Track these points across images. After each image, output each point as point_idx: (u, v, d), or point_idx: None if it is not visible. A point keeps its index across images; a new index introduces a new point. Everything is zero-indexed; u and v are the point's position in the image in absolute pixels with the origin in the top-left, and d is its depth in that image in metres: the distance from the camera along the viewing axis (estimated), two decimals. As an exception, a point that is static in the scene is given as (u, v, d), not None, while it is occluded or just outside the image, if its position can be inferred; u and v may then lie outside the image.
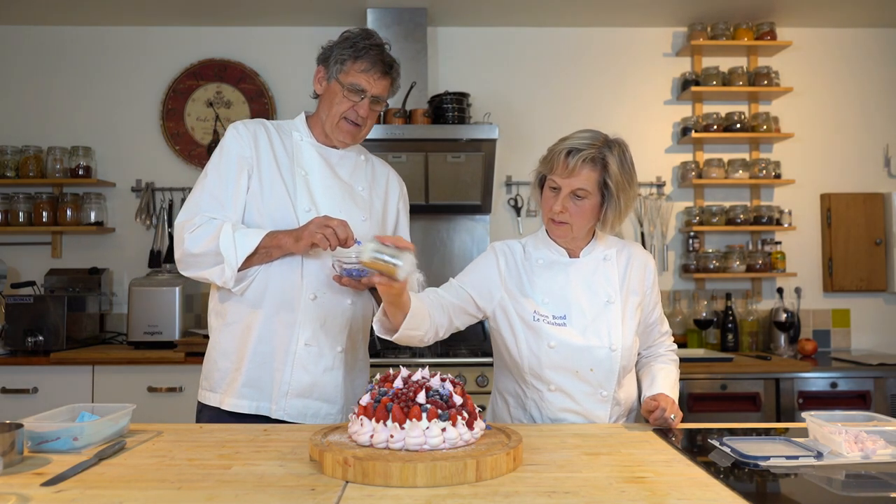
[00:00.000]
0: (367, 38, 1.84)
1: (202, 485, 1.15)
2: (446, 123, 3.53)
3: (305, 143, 1.91)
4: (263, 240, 1.73)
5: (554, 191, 1.73)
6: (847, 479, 1.23)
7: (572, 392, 1.74)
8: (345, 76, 1.82)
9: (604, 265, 1.82)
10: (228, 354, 1.83)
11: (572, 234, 1.77)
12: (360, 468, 1.15)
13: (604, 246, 1.85)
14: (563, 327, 1.73)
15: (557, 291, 1.77)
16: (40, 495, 1.10)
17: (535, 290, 1.78)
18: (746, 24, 3.90)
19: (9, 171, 3.77)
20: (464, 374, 3.14)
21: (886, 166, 4.04)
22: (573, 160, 1.68)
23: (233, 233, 1.72)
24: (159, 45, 4.00)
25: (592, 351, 1.73)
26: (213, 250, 1.72)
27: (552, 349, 1.72)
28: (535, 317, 1.75)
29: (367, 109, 1.85)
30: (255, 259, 1.75)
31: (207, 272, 1.76)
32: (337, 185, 1.89)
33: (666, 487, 1.14)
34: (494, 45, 4.03)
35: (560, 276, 1.79)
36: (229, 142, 1.86)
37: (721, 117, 3.89)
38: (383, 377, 1.36)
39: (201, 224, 1.76)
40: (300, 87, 3.93)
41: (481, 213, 3.89)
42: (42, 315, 3.38)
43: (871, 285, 3.92)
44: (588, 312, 1.75)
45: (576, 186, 1.69)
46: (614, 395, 1.76)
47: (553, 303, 1.76)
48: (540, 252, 1.84)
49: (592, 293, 1.78)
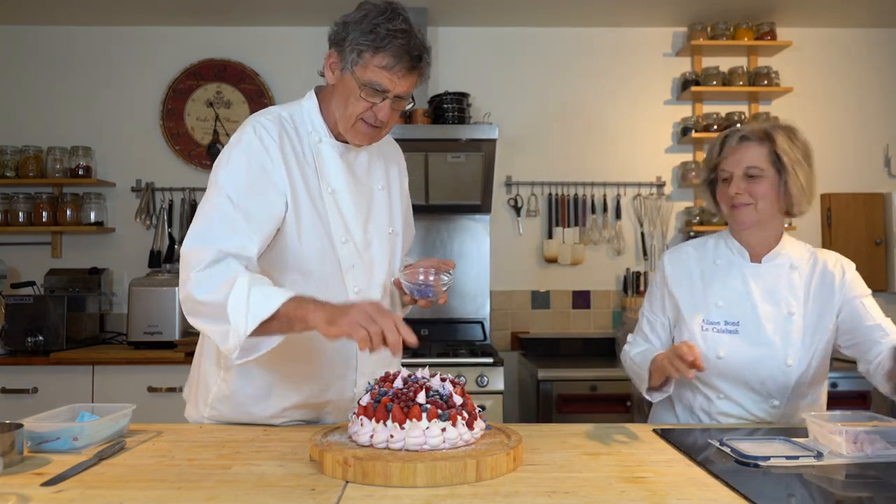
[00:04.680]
0: (389, 21, 1.46)
1: (202, 485, 1.15)
2: (446, 123, 3.53)
3: (326, 146, 1.61)
4: (287, 305, 1.33)
5: (726, 182, 1.69)
6: (847, 479, 1.22)
7: (741, 401, 1.69)
8: (362, 71, 1.48)
9: (788, 273, 1.71)
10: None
11: (758, 217, 1.67)
12: (360, 468, 1.15)
13: (792, 252, 1.73)
14: (735, 335, 1.67)
15: (734, 296, 1.70)
16: (40, 495, 1.10)
17: (708, 293, 1.73)
18: (746, 24, 3.90)
19: (9, 171, 3.77)
20: (464, 374, 3.14)
21: (886, 166, 4.04)
22: (735, 140, 1.66)
23: (248, 289, 1.34)
24: (159, 45, 4.00)
25: (764, 363, 1.65)
26: (221, 303, 1.35)
27: (720, 360, 1.67)
28: (703, 327, 1.70)
29: (388, 112, 1.53)
30: (272, 326, 1.35)
31: (210, 328, 1.41)
32: (361, 196, 1.64)
33: (666, 487, 1.14)
34: (494, 45, 4.03)
35: (738, 281, 1.72)
36: (257, 153, 1.50)
37: (721, 117, 3.89)
38: (383, 377, 1.36)
39: (214, 263, 1.39)
40: (300, 87, 3.88)
41: (481, 213, 3.89)
42: (42, 315, 3.38)
43: (871, 285, 3.83)
44: (765, 322, 1.67)
45: (746, 164, 1.65)
46: (787, 407, 1.68)
47: (727, 307, 1.70)
48: (720, 251, 1.77)
49: (773, 302, 1.68)
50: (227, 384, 1.61)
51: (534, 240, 4.00)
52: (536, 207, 3.98)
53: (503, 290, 3.97)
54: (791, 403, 1.69)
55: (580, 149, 4.00)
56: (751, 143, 1.66)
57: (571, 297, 3.97)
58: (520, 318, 3.98)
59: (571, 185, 3.95)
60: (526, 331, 3.95)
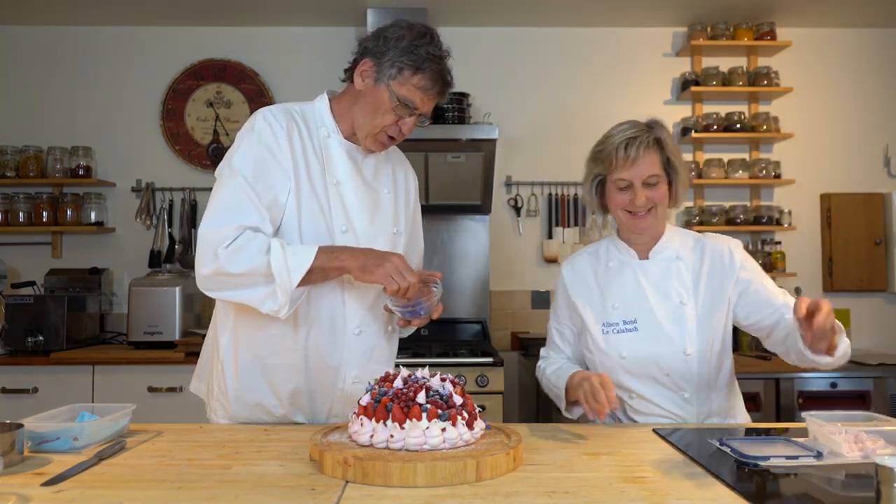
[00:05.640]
0: (430, 44, 1.56)
1: (202, 485, 1.15)
2: (446, 123, 3.53)
3: (334, 142, 1.66)
4: (320, 258, 1.48)
5: (623, 190, 1.70)
6: (847, 479, 1.22)
7: (652, 397, 1.71)
8: (399, 86, 1.56)
9: (675, 265, 1.75)
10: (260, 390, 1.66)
11: (656, 221, 1.72)
12: (360, 468, 1.15)
13: (677, 244, 1.78)
14: (634, 332, 1.70)
15: (628, 295, 1.74)
16: (40, 495, 1.10)
17: (605, 297, 1.76)
18: (746, 24, 3.90)
19: (9, 171, 3.77)
20: (464, 374, 3.14)
21: (886, 166, 4.04)
22: (634, 150, 1.66)
23: (282, 249, 1.47)
24: (159, 45, 4.00)
25: (664, 356, 1.68)
26: (261, 270, 1.46)
27: (624, 359, 1.70)
28: (604, 330, 1.73)
29: (411, 127, 1.62)
30: (309, 278, 1.49)
31: (248, 294, 1.49)
32: (366, 194, 1.68)
33: (666, 487, 1.14)
34: (494, 45, 4.03)
35: (630, 279, 1.75)
36: (266, 137, 1.57)
37: (721, 117, 3.89)
38: (383, 377, 1.36)
39: (240, 238, 1.49)
40: (300, 87, 3.93)
41: (481, 213, 3.89)
42: (42, 315, 3.38)
43: (871, 285, 3.92)
44: (659, 316, 1.70)
45: (647, 174, 1.67)
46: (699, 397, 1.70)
47: (624, 307, 1.73)
48: (611, 254, 1.80)
49: (663, 295, 1.72)
50: (224, 378, 1.66)
51: (534, 240, 4.00)
52: (536, 207, 3.98)
53: (503, 290, 3.97)
54: (702, 393, 1.71)
55: (580, 149, 3.93)
56: (648, 151, 1.67)
57: (571, 297, 3.97)
58: (520, 318, 3.98)
59: (571, 185, 3.95)
60: (526, 331, 3.95)
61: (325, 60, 3.94)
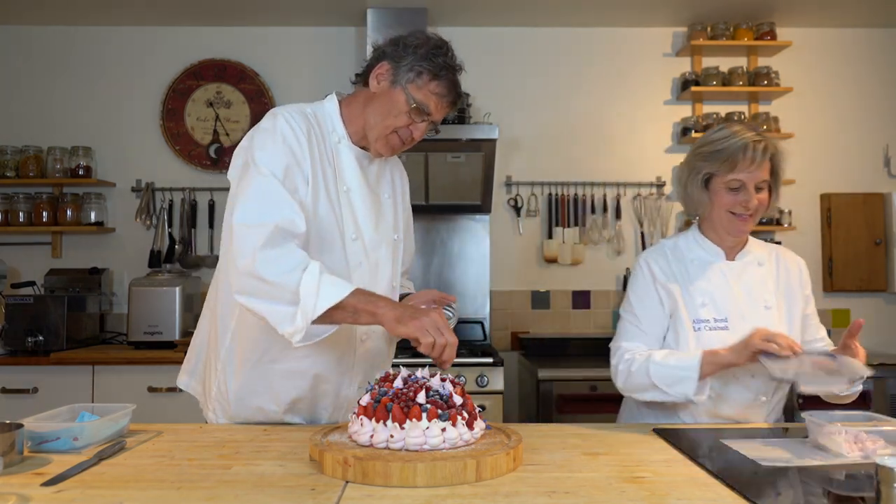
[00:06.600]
0: (446, 55, 1.58)
1: (202, 485, 1.15)
2: (446, 123, 3.52)
3: (344, 147, 1.64)
4: (357, 296, 1.41)
5: (734, 191, 1.70)
6: (847, 479, 1.23)
7: (729, 398, 1.70)
8: (416, 90, 1.56)
9: (759, 270, 1.78)
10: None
11: (752, 225, 1.75)
12: (360, 468, 1.15)
13: (759, 250, 1.82)
14: (725, 331, 1.69)
15: (717, 294, 1.74)
16: (40, 495, 1.10)
17: (693, 293, 1.74)
18: (746, 24, 3.90)
19: (9, 171, 3.77)
20: (464, 374, 3.14)
21: (886, 166, 4.04)
22: (760, 154, 1.67)
23: (319, 274, 1.40)
24: (159, 45, 4.00)
25: None
26: (291, 287, 1.39)
27: None
28: (695, 326, 1.71)
29: (422, 133, 1.62)
30: (336, 315, 1.41)
31: (269, 309, 1.43)
32: (371, 200, 1.68)
33: (666, 487, 1.14)
34: (494, 45, 4.03)
35: (718, 278, 1.75)
36: (290, 140, 1.54)
37: (721, 117, 3.89)
38: (383, 377, 1.36)
39: (278, 242, 1.43)
40: (300, 88, 3.93)
41: (481, 213, 3.89)
42: (42, 315, 3.38)
43: (871, 285, 3.92)
44: (748, 317, 1.70)
45: (761, 179, 1.70)
46: (770, 402, 1.73)
47: (713, 305, 1.73)
48: (694, 253, 1.80)
49: (751, 298, 1.74)
50: (225, 380, 1.65)
51: (534, 240, 4.00)
52: (536, 207, 3.98)
53: (503, 290, 3.97)
54: (774, 398, 1.73)
55: (580, 149, 4.00)
56: (765, 156, 1.70)
57: (571, 297, 3.97)
58: (520, 318, 3.98)
59: (571, 185, 3.95)
60: (526, 331, 3.95)
61: (325, 60, 3.94)
